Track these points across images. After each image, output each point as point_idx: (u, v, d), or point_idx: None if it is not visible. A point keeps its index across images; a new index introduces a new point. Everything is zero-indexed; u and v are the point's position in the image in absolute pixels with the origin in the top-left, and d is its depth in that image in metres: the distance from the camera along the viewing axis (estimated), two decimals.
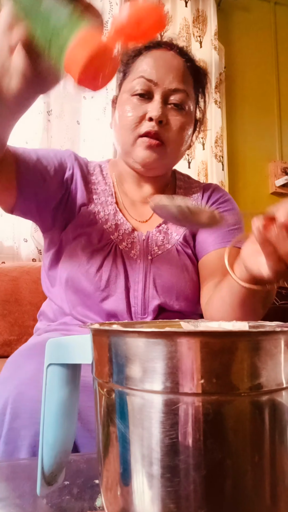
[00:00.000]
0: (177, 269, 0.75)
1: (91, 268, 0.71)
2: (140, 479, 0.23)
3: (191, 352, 0.21)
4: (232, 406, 0.22)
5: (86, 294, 0.72)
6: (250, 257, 0.51)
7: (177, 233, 0.79)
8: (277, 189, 2.36)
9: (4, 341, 1.43)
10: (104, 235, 0.75)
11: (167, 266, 0.75)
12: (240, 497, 0.22)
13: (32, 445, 0.51)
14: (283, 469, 0.23)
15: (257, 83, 2.44)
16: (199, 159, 2.14)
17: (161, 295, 0.72)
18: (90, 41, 0.37)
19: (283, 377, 0.23)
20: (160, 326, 0.36)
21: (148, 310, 0.72)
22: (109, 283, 0.71)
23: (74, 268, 0.72)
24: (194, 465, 0.21)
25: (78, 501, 0.34)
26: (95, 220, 0.76)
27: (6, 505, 0.33)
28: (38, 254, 1.74)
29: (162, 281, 0.73)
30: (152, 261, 0.74)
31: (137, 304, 0.72)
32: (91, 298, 0.72)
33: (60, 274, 0.75)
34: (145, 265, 0.74)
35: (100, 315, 0.73)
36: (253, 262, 0.50)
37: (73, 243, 0.75)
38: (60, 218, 0.77)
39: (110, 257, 0.73)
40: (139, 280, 0.72)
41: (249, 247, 0.52)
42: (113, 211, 0.78)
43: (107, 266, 0.72)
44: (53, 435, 0.33)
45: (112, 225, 0.77)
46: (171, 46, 0.77)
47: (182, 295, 0.74)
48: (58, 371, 0.32)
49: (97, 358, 0.26)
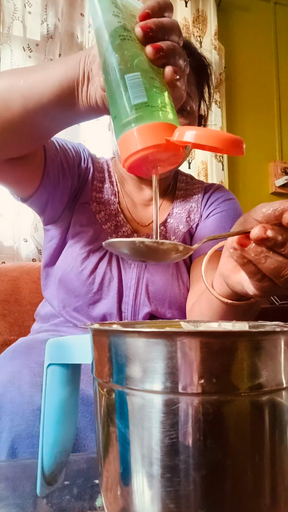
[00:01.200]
0: (171, 276, 0.73)
1: (85, 270, 0.70)
2: (140, 479, 0.23)
3: (191, 352, 0.21)
4: (232, 406, 0.22)
5: (77, 295, 0.71)
6: (230, 274, 0.45)
7: (176, 237, 0.78)
8: (277, 189, 2.36)
9: (4, 341, 1.43)
10: (101, 236, 0.74)
11: (162, 273, 0.73)
12: (240, 497, 0.22)
13: (13, 447, 0.51)
14: (283, 469, 0.23)
15: (257, 83, 2.44)
16: (199, 159, 2.14)
17: (152, 302, 0.71)
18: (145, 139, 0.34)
19: (283, 377, 0.23)
20: (160, 326, 0.36)
21: (138, 316, 0.71)
22: (102, 286, 0.70)
23: (69, 268, 0.72)
24: (194, 465, 0.21)
25: (78, 501, 0.34)
26: (94, 220, 0.75)
27: (6, 505, 0.33)
28: (38, 254, 1.74)
29: (155, 288, 0.72)
30: (146, 267, 0.73)
31: (127, 309, 0.71)
32: (82, 300, 0.71)
33: (55, 272, 0.75)
34: (138, 271, 0.72)
35: (89, 318, 0.72)
36: (235, 280, 0.44)
37: (72, 241, 0.74)
38: (67, 213, 0.76)
39: (105, 259, 0.72)
40: (131, 286, 0.71)
41: (228, 263, 0.46)
42: (115, 212, 0.77)
43: (101, 269, 0.71)
44: (53, 435, 0.33)
45: (111, 226, 0.76)
46: None
47: (175, 304, 0.72)
48: (58, 371, 0.32)
49: (97, 358, 0.26)
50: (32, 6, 1.86)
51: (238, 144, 0.33)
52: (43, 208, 0.74)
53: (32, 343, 0.64)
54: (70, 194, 0.75)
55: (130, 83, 0.36)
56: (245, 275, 0.42)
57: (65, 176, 0.72)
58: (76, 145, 0.80)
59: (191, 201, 0.82)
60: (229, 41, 2.37)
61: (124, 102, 0.35)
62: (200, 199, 0.82)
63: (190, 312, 0.69)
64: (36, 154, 0.65)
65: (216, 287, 0.50)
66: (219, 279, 0.49)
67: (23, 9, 1.82)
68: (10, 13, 1.80)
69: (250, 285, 0.42)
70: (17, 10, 1.81)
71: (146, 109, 0.35)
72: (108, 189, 0.80)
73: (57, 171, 0.70)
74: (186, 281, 0.74)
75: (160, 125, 0.35)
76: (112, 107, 0.37)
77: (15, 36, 1.79)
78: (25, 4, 1.83)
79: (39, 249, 1.74)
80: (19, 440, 0.51)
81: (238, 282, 0.44)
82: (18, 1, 1.81)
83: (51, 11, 1.88)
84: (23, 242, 1.75)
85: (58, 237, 0.76)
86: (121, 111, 0.36)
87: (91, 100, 0.46)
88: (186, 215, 0.80)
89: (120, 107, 0.36)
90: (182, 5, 2.18)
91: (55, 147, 0.71)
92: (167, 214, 0.80)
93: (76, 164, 0.76)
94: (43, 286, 0.80)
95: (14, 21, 1.80)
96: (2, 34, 1.76)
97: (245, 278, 0.43)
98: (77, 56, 0.46)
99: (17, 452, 0.51)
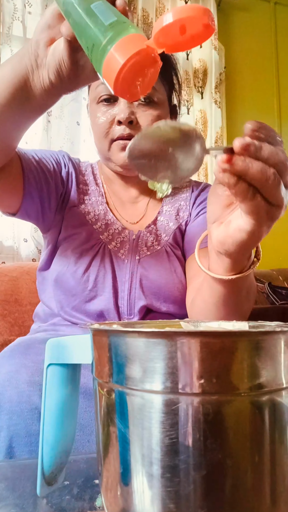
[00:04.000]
0: (165, 270, 0.74)
1: (79, 269, 0.71)
2: (140, 479, 0.23)
3: (191, 352, 0.21)
4: (232, 406, 0.22)
5: (74, 294, 0.72)
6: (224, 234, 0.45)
7: (166, 234, 0.78)
8: None
9: (4, 341, 1.43)
10: (93, 235, 0.75)
11: (155, 267, 0.74)
12: (240, 497, 0.22)
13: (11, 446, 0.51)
14: (283, 469, 0.23)
15: (257, 83, 2.44)
16: None
17: (147, 296, 0.72)
18: (128, 49, 0.36)
19: (283, 377, 0.23)
20: (160, 326, 0.36)
21: (134, 310, 0.72)
22: (97, 283, 0.71)
23: (64, 268, 0.73)
24: (194, 465, 0.21)
25: (78, 501, 0.34)
26: (85, 221, 0.77)
27: (6, 505, 0.33)
28: (38, 254, 1.74)
29: (149, 282, 0.72)
30: (139, 262, 0.74)
31: (123, 304, 0.72)
32: (79, 298, 0.72)
33: (50, 275, 0.76)
34: (132, 265, 0.73)
35: (87, 315, 0.73)
36: (231, 231, 0.44)
37: (64, 244, 0.75)
38: (58, 218, 0.78)
39: (98, 257, 0.73)
40: (125, 280, 0.72)
41: (216, 228, 0.46)
42: (104, 211, 0.79)
43: (95, 266, 0.72)
44: (53, 435, 0.33)
45: (102, 225, 0.77)
46: None
47: (170, 297, 0.73)
48: (58, 371, 0.32)
49: (97, 358, 0.26)
50: (32, 6, 1.86)
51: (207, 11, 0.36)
52: (35, 218, 0.75)
53: (30, 343, 0.64)
54: (57, 200, 0.77)
55: (98, 10, 0.39)
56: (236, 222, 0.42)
57: (47, 182, 0.74)
58: (54, 153, 0.81)
59: (180, 200, 0.83)
60: (229, 41, 2.37)
61: (97, 28, 0.38)
62: (188, 198, 0.84)
63: (191, 307, 0.70)
64: (11, 165, 0.65)
65: (215, 266, 0.50)
66: (217, 255, 0.48)
67: (23, 9, 1.82)
68: (10, 13, 1.79)
69: (245, 217, 0.42)
70: (17, 10, 1.81)
71: (118, 25, 0.38)
72: (94, 191, 0.81)
73: (38, 178, 0.72)
74: (180, 275, 0.75)
75: (135, 36, 0.37)
76: (86, 40, 0.39)
77: (15, 36, 1.79)
78: (25, 4, 1.83)
79: (39, 249, 1.74)
80: (17, 438, 0.51)
81: (235, 229, 0.43)
82: (18, 1, 1.81)
83: None
84: (23, 242, 1.75)
85: (52, 242, 0.78)
86: (97, 36, 0.38)
87: (45, 81, 0.48)
88: (175, 212, 0.81)
89: (95, 34, 0.38)
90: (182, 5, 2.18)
91: (31, 157, 0.73)
92: (157, 212, 0.81)
93: (57, 170, 0.78)
94: (40, 291, 0.81)
95: (14, 21, 1.80)
96: (2, 34, 1.76)
97: (239, 223, 0.42)
98: (20, 52, 0.49)
99: (15, 451, 0.51)
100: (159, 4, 2.13)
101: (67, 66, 0.45)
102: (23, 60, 0.48)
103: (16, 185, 0.68)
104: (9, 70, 0.49)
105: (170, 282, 0.74)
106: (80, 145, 1.90)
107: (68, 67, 0.45)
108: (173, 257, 0.76)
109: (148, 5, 2.08)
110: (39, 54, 0.46)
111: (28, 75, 0.48)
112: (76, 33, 0.41)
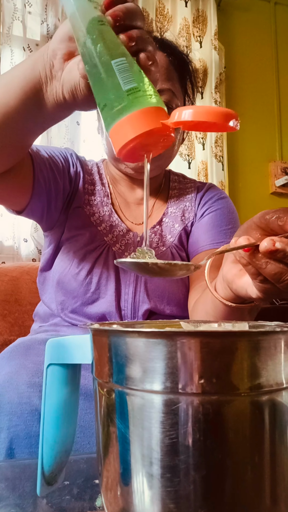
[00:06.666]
0: None
1: (82, 271, 0.71)
2: (140, 479, 0.23)
3: (191, 352, 0.21)
4: (232, 406, 0.22)
5: (75, 296, 0.71)
6: (234, 279, 0.46)
7: (171, 235, 0.78)
8: (277, 189, 2.36)
9: (4, 341, 1.43)
10: (97, 237, 0.75)
11: None
12: (240, 497, 0.22)
13: (11, 447, 0.51)
14: (283, 469, 0.23)
15: (257, 83, 2.44)
16: (199, 159, 2.14)
17: (151, 299, 0.72)
18: (141, 125, 0.34)
19: (283, 377, 0.23)
20: (160, 326, 0.36)
21: (138, 314, 0.71)
22: (99, 286, 0.71)
23: (66, 270, 0.72)
24: (194, 465, 0.21)
25: (78, 501, 0.34)
26: (89, 222, 0.76)
27: (6, 505, 0.33)
28: (38, 254, 1.74)
29: (154, 285, 0.72)
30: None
31: (127, 307, 0.71)
32: (80, 301, 0.71)
33: (52, 275, 0.75)
34: None
35: (88, 318, 0.72)
36: (239, 285, 0.45)
37: (67, 244, 0.74)
38: (62, 218, 0.77)
39: (102, 259, 0.72)
40: (130, 283, 0.72)
41: (232, 268, 0.47)
42: (109, 212, 0.78)
43: (98, 269, 0.71)
44: (53, 435, 0.33)
45: (106, 227, 0.76)
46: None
47: (174, 300, 0.73)
48: (58, 371, 0.32)
49: (97, 358, 0.26)
50: (32, 6, 1.86)
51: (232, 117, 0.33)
52: (40, 216, 0.75)
53: (30, 344, 0.64)
54: (64, 200, 0.76)
55: (118, 69, 0.36)
56: (249, 280, 0.43)
57: (56, 182, 0.73)
58: (63, 151, 0.81)
59: (184, 200, 0.83)
60: (229, 41, 2.37)
61: (114, 89, 0.35)
62: (193, 199, 0.84)
63: (193, 311, 0.70)
64: (22, 164, 0.64)
65: (220, 290, 0.51)
66: (223, 284, 0.49)
67: (23, 9, 1.82)
68: (10, 13, 1.79)
69: (253, 289, 0.42)
70: (17, 10, 1.81)
71: (137, 94, 0.35)
72: (100, 191, 0.80)
73: (47, 178, 0.71)
74: (185, 277, 0.75)
75: (152, 110, 0.35)
76: (100, 95, 0.37)
77: (15, 36, 1.79)
78: (25, 4, 1.83)
79: (39, 249, 1.74)
80: (17, 440, 0.51)
81: (242, 287, 0.45)
82: (18, 1, 1.81)
83: (51, 11, 1.88)
84: (23, 242, 1.75)
85: (55, 242, 0.77)
86: (112, 99, 0.35)
87: (58, 96, 0.45)
88: (180, 214, 0.81)
89: (110, 94, 0.35)
90: (182, 5, 2.18)
91: (42, 155, 0.72)
92: (162, 214, 0.81)
93: (66, 169, 0.77)
94: (41, 291, 0.81)
95: (14, 21, 1.80)
96: (2, 34, 1.76)
97: (249, 283, 0.43)
98: (34, 56, 0.46)
99: (15, 452, 0.51)
100: (159, 4, 2.14)
101: (82, 92, 0.43)
102: (36, 66, 0.45)
103: (26, 184, 0.67)
104: (20, 75, 0.46)
105: (175, 284, 0.73)
106: (80, 145, 1.90)
107: (83, 92, 0.43)
108: (178, 259, 0.76)
109: (148, 5, 2.08)
110: (55, 65, 0.43)
111: (42, 85, 0.45)
112: (91, 83, 0.38)
